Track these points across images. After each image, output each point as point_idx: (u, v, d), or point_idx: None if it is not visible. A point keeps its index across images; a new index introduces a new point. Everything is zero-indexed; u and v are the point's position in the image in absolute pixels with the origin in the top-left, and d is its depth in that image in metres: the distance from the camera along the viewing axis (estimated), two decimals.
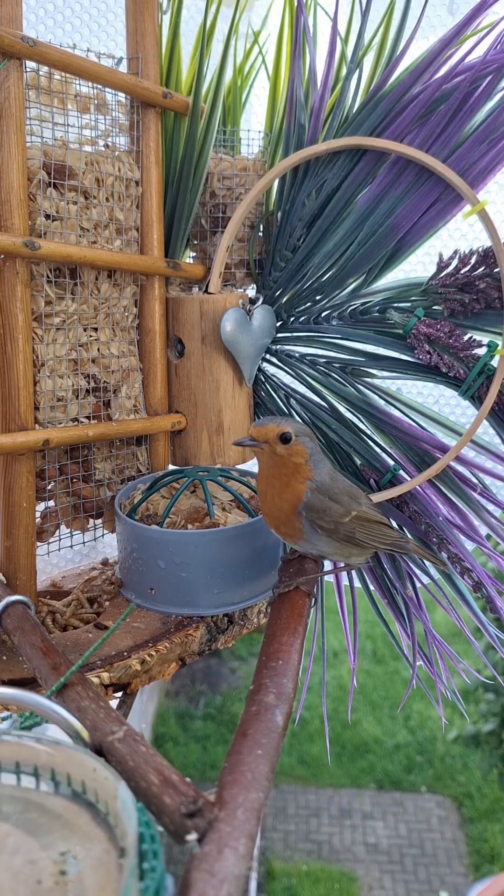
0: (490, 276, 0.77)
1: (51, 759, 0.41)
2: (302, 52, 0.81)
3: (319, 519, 0.63)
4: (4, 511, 0.72)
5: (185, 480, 0.76)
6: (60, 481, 0.77)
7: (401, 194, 0.80)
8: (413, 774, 2.44)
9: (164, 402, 0.85)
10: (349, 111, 0.81)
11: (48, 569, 0.86)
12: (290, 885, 2.07)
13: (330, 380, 0.86)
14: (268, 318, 0.84)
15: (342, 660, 2.88)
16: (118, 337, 0.80)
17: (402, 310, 0.82)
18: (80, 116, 0.75)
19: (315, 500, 0.63)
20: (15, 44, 0.64)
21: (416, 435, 0.83)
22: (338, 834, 2.23)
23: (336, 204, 0.82)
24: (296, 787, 2.40)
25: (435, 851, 2.17)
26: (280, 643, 0.56)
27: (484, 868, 2.11)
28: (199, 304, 0.82)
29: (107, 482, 0.81)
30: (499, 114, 0.75)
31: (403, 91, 0.78)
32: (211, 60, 0.81)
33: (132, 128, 0.79)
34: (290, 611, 0.62)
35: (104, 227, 0.76)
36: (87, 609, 0.77)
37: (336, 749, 2.53)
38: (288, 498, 0.64)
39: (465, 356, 0.79)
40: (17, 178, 0.66)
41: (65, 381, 0.75)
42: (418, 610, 0.84)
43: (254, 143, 0.88)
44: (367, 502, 0.68)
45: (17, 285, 0.68)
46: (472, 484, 0.83)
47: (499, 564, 0.83)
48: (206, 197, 0.86)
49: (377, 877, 2.10)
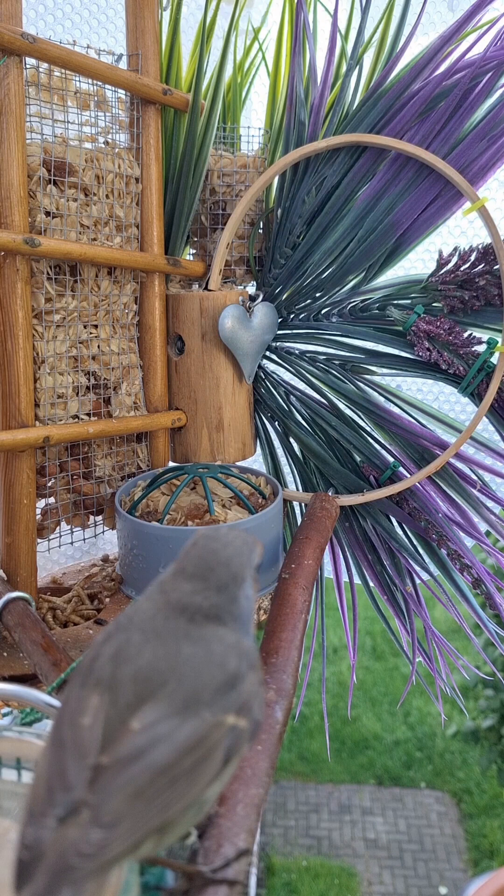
0: (490, 273, 0.77)
1: None
2: (302, 49, 0.81)
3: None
4: (5, 508, 0.72)
5: (186, 477, 0.76)
6: (61, 478, 0.77)
7: (401, 191, 0.80)
8: (412, 770, 2.45)
9: (165, 399, 0.85)
10: (349, 108, 0.81)
11: (49, 565, 0.86)
12: (290, 880, 2.07)
13: (330, 377, 0.86)
14: (269, 315, 0.84)
15: (342, 656, 2.88)
16: (118, 334, 0.80)
17: (401, 307, 0.82)
18: (79, 113, 0.75)
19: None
20: (15, 40, 0.64)
21: (415, 432, 0.83)
22: (337, 829, 2.24)
23: (336, 201, 0.82)
24: (295, 783, 2.41)
25: (434, 847, 2.18)
26: (280, 639, 0.57)
27: (483, 863, 2.11)
28: (199, 301, 0.82)
29: (107, 479, 0.81)
30: (499, 110, 0.75)
31: (403, 88, 0.78)
32: (211, 57, 0.81)
33: (132, 124, 0.79)
34: (289, 607, 0.62)
35: (104, 224, 0.76)
36: (87, 605, 0.77)
37: (336, 745, 2.54)
38: None
39: (464, 353, 0.79)
40: (17, 175, 0.66)
41: (65, 378, 0.75)
42: (418, 606, 0.84)
43: (254, 140, 0.88)
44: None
45: (17, 282, 0.68)
46: (471, 481, 0.83)
47: (498, 561, 0.83)
48: (206, 194, 0.86)
49: (377, 872, 2.10)
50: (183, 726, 0.31)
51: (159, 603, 0.37)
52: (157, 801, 0.30)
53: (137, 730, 0.31)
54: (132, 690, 0.32)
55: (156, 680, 0.33)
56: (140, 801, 0.29)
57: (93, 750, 0.30)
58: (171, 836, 0.31)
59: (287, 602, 0.62)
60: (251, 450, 0.89)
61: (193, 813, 0.32)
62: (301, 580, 0.66)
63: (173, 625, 0.36)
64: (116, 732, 0.31)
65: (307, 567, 0.68)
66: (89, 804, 0.29)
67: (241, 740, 0.33)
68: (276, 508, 0.74)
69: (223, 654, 0.34)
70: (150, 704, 0.32)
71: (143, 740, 0.31)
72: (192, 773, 0.31)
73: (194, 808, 0.31)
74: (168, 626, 0.35)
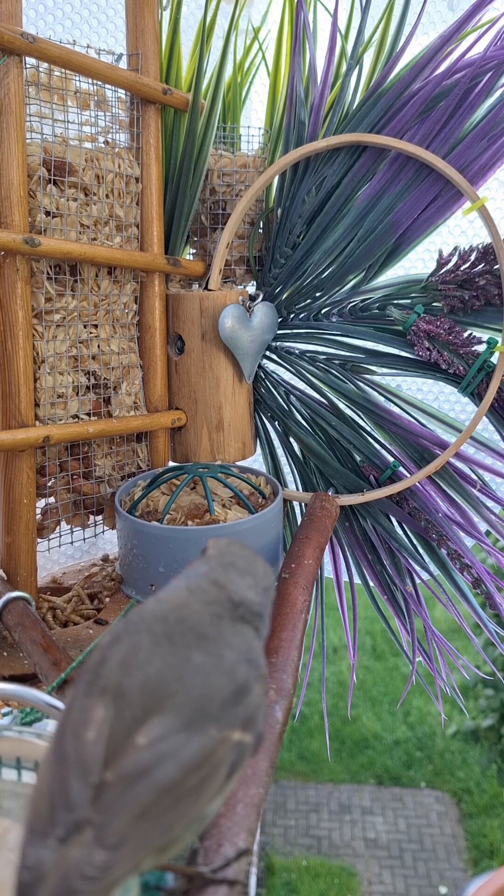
0: (490, 273, 0.77)
1: None
2: (302, 49, 0.80)
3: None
4: (5, 508, 0.72)
5: (186, 477, 0.76)
6: (61, 478, 0.77)
7: (401, 191, 0.80)
8: (412, 770, 2.45)
9: (165, 399, 0.85)
10: (349, 108, 0.81)
11: (48, 565, 0.86)
12: (290, 879, 2.07)
13: (330, 376, 0.86)
14: (269, 314, 0.84)
15: (342, 656, 2.88)
16: (118, 334, 0.80)
17: (401, 306, 0.82)
18: (79, 113, 0.75)
19: None
20: (15, 40, 0.64)
21: (415, 431, 0.83)
22: (337, 829, 2.24)
23: (336, 201, 0.82)
24: (295, 783, 2.41)
25: (434, 846, 2.18)
26: (279, 639, 0.57)
27: (483, 863, 2.11)
28: (199, 301, 0.82)
29: (107, 479, 0.81)
30: (499, 110, 0.75)
31: (403, 87, 0.78)
32: (211, 57, 0.81)
33: (132, 124, 0.79)
34: (289, 607, 0.62)
35: (104, 224, 0.76)
36: (87, 605, 0.77)
37: (336, 745, 2.54)
38: None
39: (464, 353, 0.79)
40: (17, 174, 0.66)
41: (65, 377, 0.75)
42: (418, 606, 0.84)
43: (254, 140, 0.88)
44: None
45: (17, 282, 0.68)
46: (471, 480, 0.83)
47: (498, 561, 0.83)
48: (206, 193, 0.86)
49: (377, 872, 2.10)
50: (189, 743, 0.30)
51: (212, 595, 0.36)
52: (162, 821, 0.29)
53: (143, 745, 0.30)
54: (139, 702, 0.31)
55: (164, 691, 0.32)
56: (145, 820, 0.28)
57: (96, 766, 0.29)
58: (173, 851, 0.31)
59: (287, 602, 0.62)
60: (251, 450, 0.89)
61: (195, 828, 0.31)
62: (301, 580, 0.66)
63: (205, 624, 0.35)
64: (121, 747, 0.30)
65: (307, 567, 0.68)
66: (93, 823, 0.28)
67: (245, 755, 0.33)
68: (276, 508, 0.74)
69: (233, 663, 0.34)
70: (157, 718, 0.31)
71: (148, 757, 0.30)
72: (197, 791, 0.30)
73: (196, 823, 0.31)
74: (190, 627, 0.34)
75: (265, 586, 0.38)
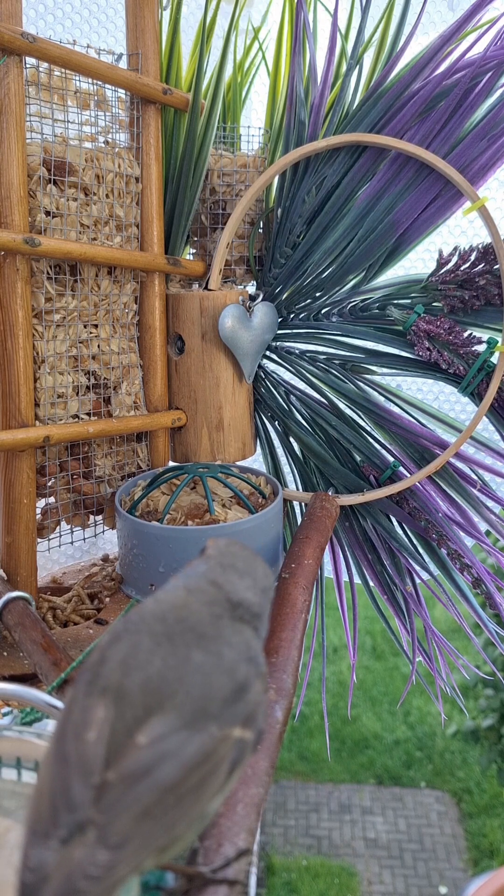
0: (490, 273, 0.77)
1: None
2: (302, 49, 0.80)
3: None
4: (5, 507, 0.72)
5: (186, 477, 0.76)
6: (61, 478, 0.77)
7: (401, 191, 0.80)
8: (412, 770, 2.45)
9: (165, 399, 0.85)
10: (349, 108, 0.81)
11: (49, 565, 0.86)
12: (290, 879, 2.07)
13: (330, 376, 0.86)
14: (269, 314, 0.84)
15: (342, 655, 2.88)
16: (118, 333, 0.80)
17: (401, 306, 0.82)
18: (79, 113, 0.75)
19: None
20: (14, 40, 0.64)
21: (415, 431, 0.83)
22: (337, 829, 2.24)
23: (336, 200, 0.82)
24: (295, 783, 2.41)
25: (434, 846, 2.18)
26: (279, 639, 0.57)
27: (483, 863, 2.11)
28: (199, 301, 0.82)
29: (107, 479, 0.81)
30: (499, 110, 0.75)
31: (403, 87, 0.78)
32: (211, 57, 0.81)
33: (132, 124, 0.79)
34: (289, 607, 0.62)
35: (104, 224, 0.76)
36: (87, 605, 0.77)
37: (336, 744, 2.54)
38: None
39: (464, 353, 0.79)
40: (17, 174, 0.66)
41: (65, 377, 0.75)
42: (418, 606, 0.84)
43: (254, 140, 0.88)
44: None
45: (17, 282, 0.68)
46: (471, 480, 0.83)
47: (498, 561, 0.83)
48: (206, 193, 0.86)
49: (377, 871, 2.10)
50: (190, 742, 0.30)
51: (210, 595, 0.36)
52: (164, 820, 0.29)
53: (144, 745, 0.30)
54: (140, 702, 0.31)
55: (164, 690, 0.32)
56: (147, 820, 0.28)
57: (98, 766, 0.29)
58: (175, 850, 0.31)
59: (287, 601, 0.62)
60: (251, 449, 0.89)
61: (197, 827, 0.31)
62: (301, 580, 0.66)
63: (205, 623, 0.35)
64: (122, 747, 0.30)
65: (307, 567, 0.68)
66: (96, 823, 0.28)
67: (246, 752, 0.33)
68: (276, 508, 0.74)
69: (233, 661, 0.34)
70: (158, 717, 0.31)
71: (149, 756, 0.30)
72: (198, 789, 0.30)
73: (198, 822, 0.31)
74: (190, 627, 0.34)
75: (264, 587, 0.38)
